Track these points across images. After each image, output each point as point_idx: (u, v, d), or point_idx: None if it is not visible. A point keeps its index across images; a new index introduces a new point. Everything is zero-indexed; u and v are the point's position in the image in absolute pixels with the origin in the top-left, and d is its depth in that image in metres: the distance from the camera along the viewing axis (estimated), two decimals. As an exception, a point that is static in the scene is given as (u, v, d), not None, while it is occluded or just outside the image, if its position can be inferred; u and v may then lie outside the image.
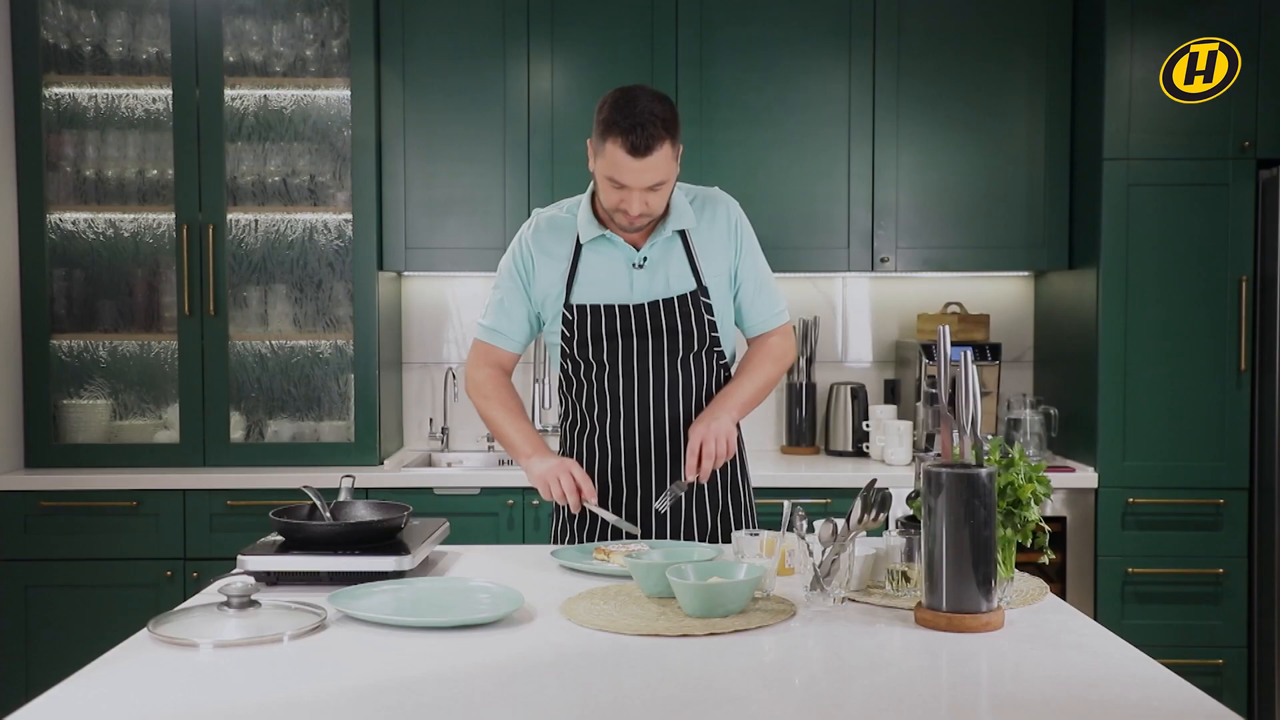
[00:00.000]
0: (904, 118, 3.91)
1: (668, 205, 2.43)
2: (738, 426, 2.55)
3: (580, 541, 2.52)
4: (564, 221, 2.50)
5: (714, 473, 2.51)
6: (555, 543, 2.57)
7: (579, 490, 2.35)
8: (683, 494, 2.43)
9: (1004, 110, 3.92)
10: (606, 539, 2.49)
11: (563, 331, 2.47)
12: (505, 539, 3.64)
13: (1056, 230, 3.92)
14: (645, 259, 2.44)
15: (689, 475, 2.36)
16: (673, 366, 2.46)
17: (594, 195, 2.48)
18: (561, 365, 2.53)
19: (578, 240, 2.46)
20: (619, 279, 2.45)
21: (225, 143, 3.81)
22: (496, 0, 3.88)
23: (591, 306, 2.44)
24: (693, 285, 2.45)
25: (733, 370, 2.57)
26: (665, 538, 2.48)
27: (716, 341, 2.49)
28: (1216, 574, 3.69)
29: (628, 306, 2.44)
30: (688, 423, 2.47)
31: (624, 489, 2.49)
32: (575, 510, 2.37)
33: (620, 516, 2.46)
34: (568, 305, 2.46)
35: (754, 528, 2.58)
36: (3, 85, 3.73)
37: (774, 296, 2.56)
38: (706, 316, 2.46)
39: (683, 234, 2.46)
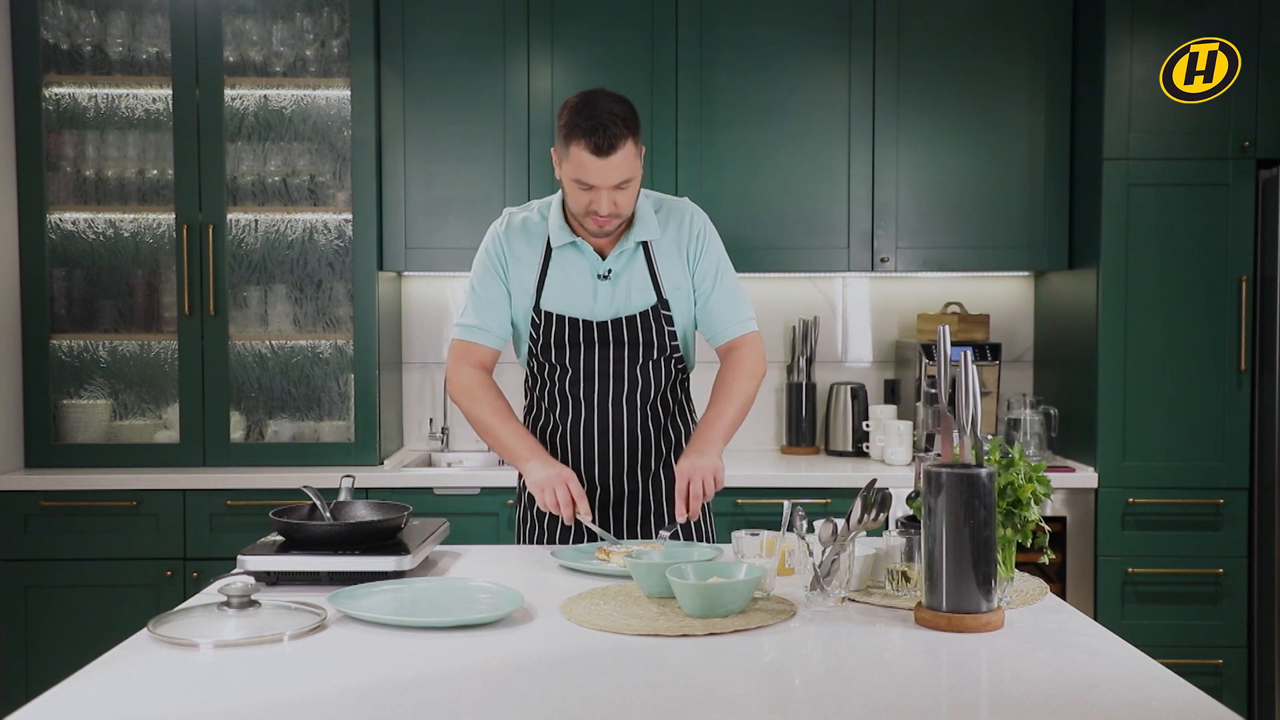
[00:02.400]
0: (904, 118, 3.91)
1: (633, 214, 2.47)
2: (694, 417, 2.63)
3: (547, 537, 2.55)
4: (535, 225, 2.53)
5: (670, 467, 2.55)
6: (516, 534, 2.61)
7: (575, 503, 2.35)
8: (669, 533, 2.42)
9: (1004, 110, 3.92)
10: (569, 540, 2.52)
11: (530, 333, 2.52)
12: (505, 539, 3.64)
13: (1056, 230, 3.92)
14: (610, 270, 2.47)
15: (679, 516, 2.36)
16: (632, 371, 2.51)
17: (564, 199, 2.51)
18: (529, 363, 2.58)
19: (548, 244, 2.49)
20: (584, 290, 2.48)
21: (225, 143, 3.81)
22: (496, 0, 3.88)
23: (558, 316, 2.48)
24: (653, 299, 2.49)
25: (690, 369, 2.61)
26: (623, 529, 2.53)
27: (676, 348, 2.55)
28: (1216, 574, 3.69)
29: (591, 323, 2.48)
30: (644, 422, 2.52)
31: (584, 484, 2.52)
32: (569, 522, 2.38)
33: (608, 531, 2.49)
34: (536, 309, 2.50)
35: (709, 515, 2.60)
36: (3, 85, 3.73)
37: (738, 304, 2.57)
38: (666, 328, 2.51)
39: (646, 246, 2.49)
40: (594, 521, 2.47)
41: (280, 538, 2.16)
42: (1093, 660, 1.65)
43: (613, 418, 2.52)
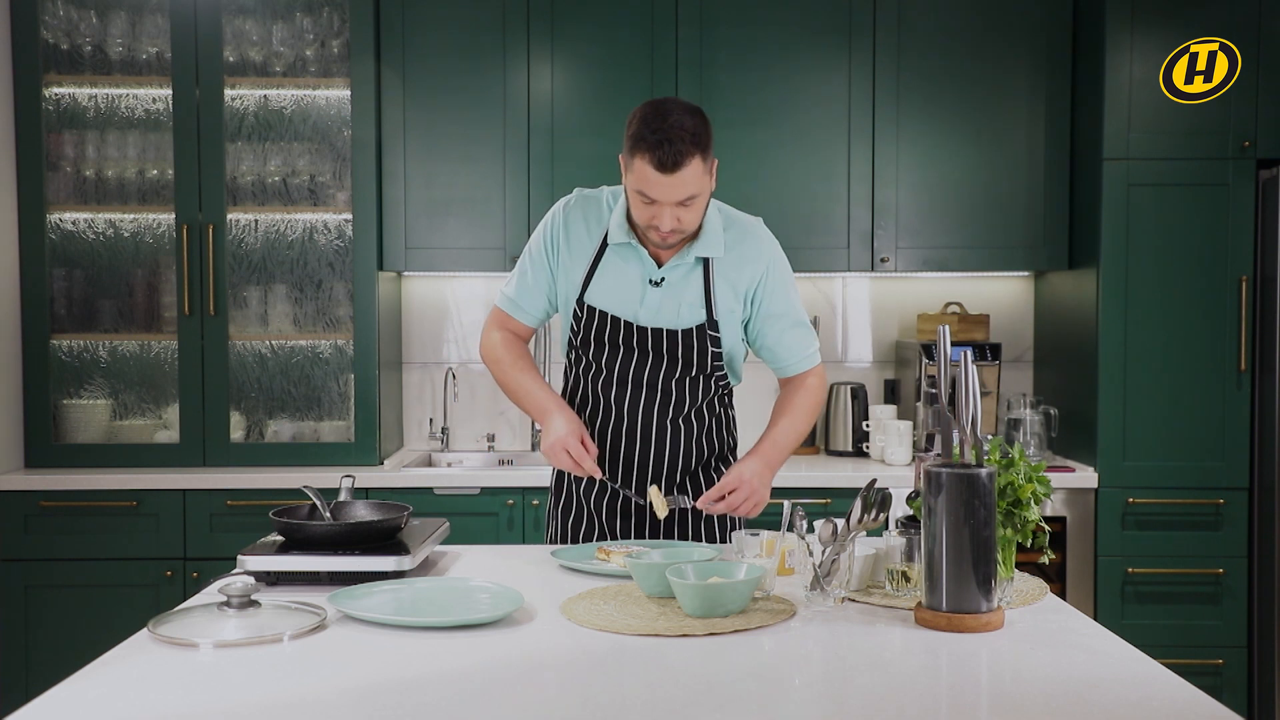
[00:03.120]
0: (904, 118, 3.91)
1: (698, 230, 2.38)
2: (733, 431, 2.59)
3: (575, 541, 2.54)
4: (599, 212, 2.45)
5: (699, 480, 2.53)
6: (549, 541, 2.59)
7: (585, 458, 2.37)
8: (683, 503, 2.43)
9: (1004, 110, 3.92)
10: (604, 538, 2.50)
11: (572, 325, 2.49)
12: (505, 539, 3.64)
13: (1056, 230, 3.92)
14: (664, 279, 2.40)
15: (701, 502, 2.36)
16: (667, 384, 2.46)
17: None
18: (568, 353, 2.55)
19: (605, 238, 2.43)
20: (632, 293, 2.42)
21: (225, 143, 3.81)
22: (496, 0, 3.88)
23: (601, 312, 2.43)
24: (702, 318, 2.42)
25: (734, 382, 2.56)
26: (645, 534, 2.50)
27: (719, 367, 2.48)
28: (1216, 574, 3.69)
29: (633, 326, 2.42)
30: (675, 435, 2.48)
31: (608, 487, 2.50)
32: (591, 473, 2.36)
33: (622, 487, 2.48)
34: (580, 302, 2.45)
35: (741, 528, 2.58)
36: (3, 85, 3.73)
37: (807, 337, 2.52)
38: (711, 349, 2.44)
39: (706, 262, 2.41)
40: (607, 477, 2.46)
41: (280, 538, 2.16)
42: (1093, 660, 1.65)
43: (641, 428, 2.47)
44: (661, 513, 2.32)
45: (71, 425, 3.85)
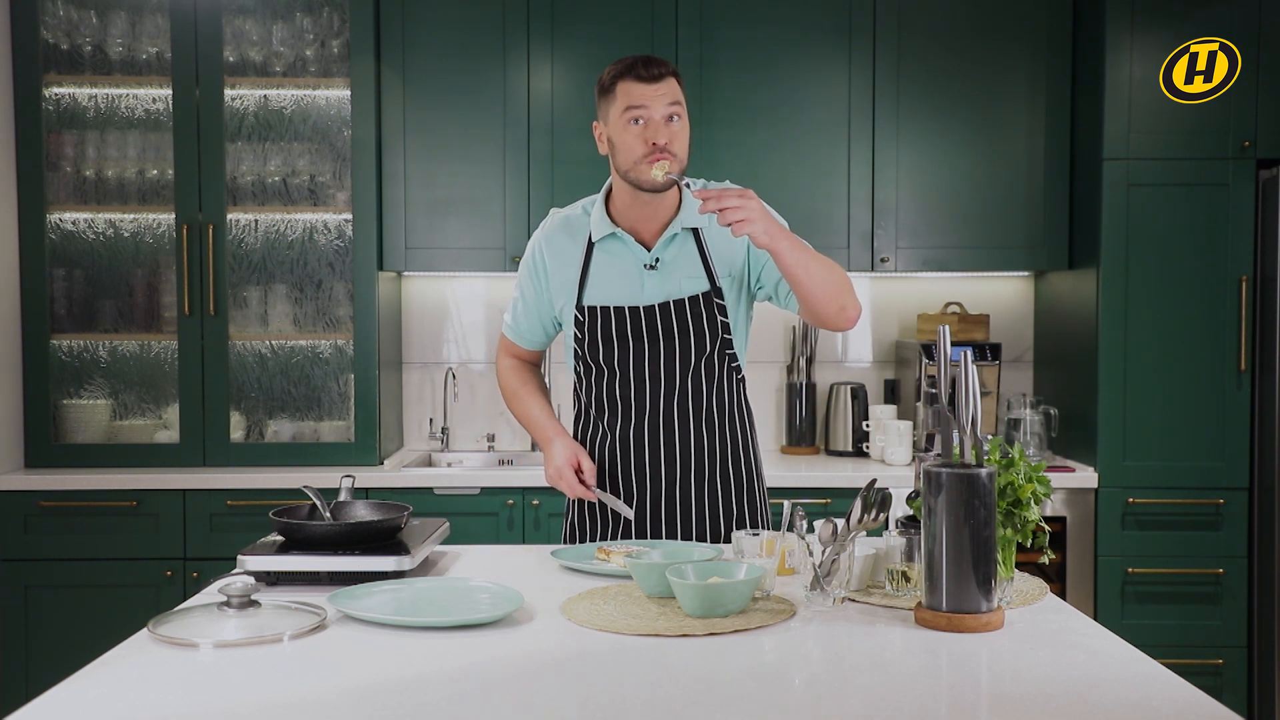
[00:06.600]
0: (904, 118, 3.91)
1: (679, 202, 2.39)
2: (752, 424, 2.55)
3: (589, 541, 2.53)
4: (578, 220, 2.47)
5: (729, 477, 2.50)
6: (566, 542, 2.58)
7: (583, 476, 2.44)
8: (674, 176, 2.28)
9: (1004, 110, 3.92)
10: (616, 538, 2.49)
11: (575, 333, 2.46)
12: (505, 539, 3.64)
13: (1056, 230, 3.92)
14: (657, 260, 2.41)
15: (695, 194, 2.16)
16: (684, 373, 2.43)
17: (608, 196, 2.46)
18: (575, 368, 2.52)
19: (590, 239, 2.43)
20: (630, 280, 2.41)
21: (225, 143, 3.81)
22: (496, 0, 3.88)
23: (602, 308, 2.42)
24: (706, 286, 2.41)
25: (745, 375, 2.53)
26: (676, 538, 2.48)
27: (729, 344, 2.45)
28: (1216, 574, 3.69)
29: (638, 309, 2.41)
30: (699, 429, 2.46)
31: (634, 494, 2.48)
32: (582, 495, 2.42)
33: (620, 500, 2.46)
34: (579, 306, 2.44)
35: (767, 527, 2.56)
36: (3, 85, 3.73)
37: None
38: (720, 318, 2.42)
39: (695, 233, 2.42)
40: (607, 492, 2.46)
41: (280, 538, 2.16)
42: (1093, 660, 1.65)
43: (664, 424, 2.44)
44: (659, 176, 2.26)
45: (71, 425, 3.85)
